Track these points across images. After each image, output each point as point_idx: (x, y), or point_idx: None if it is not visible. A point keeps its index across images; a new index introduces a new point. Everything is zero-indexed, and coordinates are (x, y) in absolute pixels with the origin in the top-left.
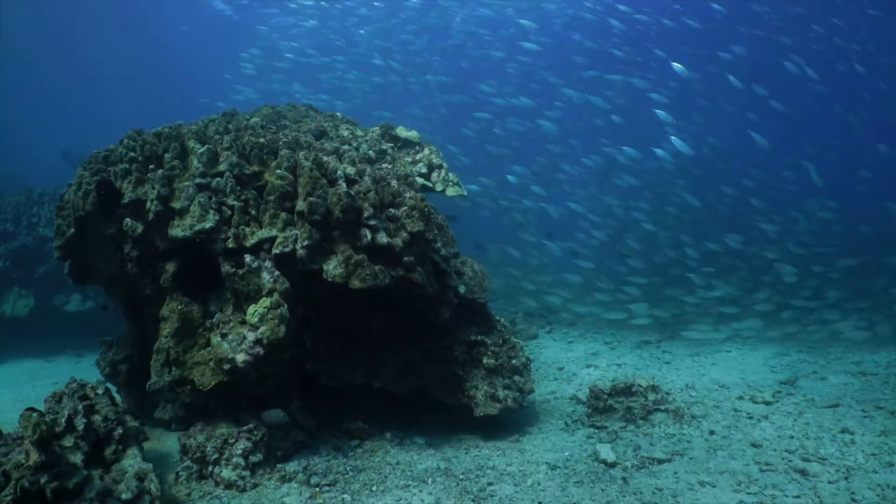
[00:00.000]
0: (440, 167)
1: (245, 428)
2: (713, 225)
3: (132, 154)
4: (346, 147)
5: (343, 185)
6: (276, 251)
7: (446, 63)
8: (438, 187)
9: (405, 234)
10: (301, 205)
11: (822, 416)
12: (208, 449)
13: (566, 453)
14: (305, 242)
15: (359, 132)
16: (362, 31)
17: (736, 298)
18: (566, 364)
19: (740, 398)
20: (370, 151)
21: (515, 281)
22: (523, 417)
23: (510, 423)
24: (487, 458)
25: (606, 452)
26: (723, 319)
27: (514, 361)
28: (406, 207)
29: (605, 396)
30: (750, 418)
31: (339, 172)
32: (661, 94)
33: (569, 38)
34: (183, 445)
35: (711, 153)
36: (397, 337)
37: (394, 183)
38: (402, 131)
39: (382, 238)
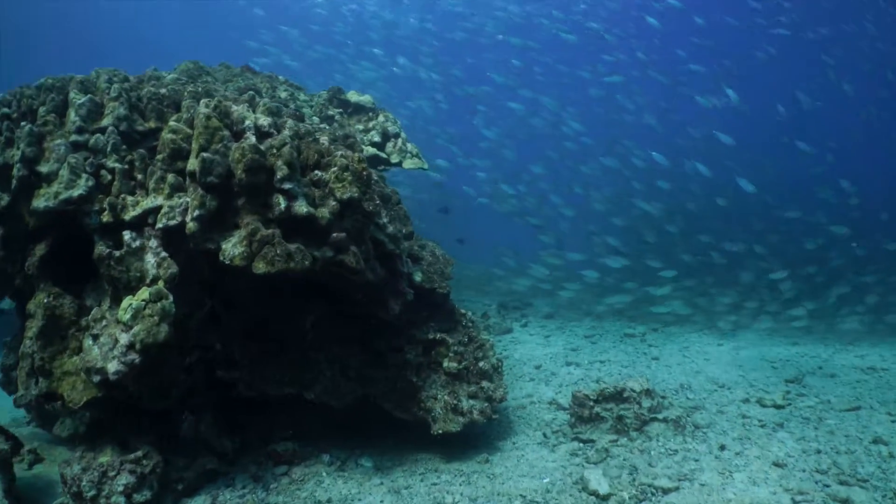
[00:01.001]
0: (397, 136)
1: (131, 457)
2: (724, 220)
3: (5, 110)
4: (268, 100)
5: (251, 138)
6: (160, 225)
7: (451, 55)
8: (394, 159)
9: (334, 204)
10: (193, 163)
11: (846, 421)
12: (84, 483)
13: (546, 479)
14: (196, 213)
15: (302, 96)
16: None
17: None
18: (544, 362)
19: (746, 401)
20: (314, 117)
21: (538, 282)
22: (494, 428)
23: (478, 436)
24: (448, 488)
25: (597, 480)
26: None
27: (482, 364)
28: (335, 168)
29: (591, 403)
30: (763, 426)
31: (247, 122)
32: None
33: (588, 28)
34: (62, 475)
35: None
36: (336, 337)
37: (324, 140)
38: (353, 95)
39: (301, 207)
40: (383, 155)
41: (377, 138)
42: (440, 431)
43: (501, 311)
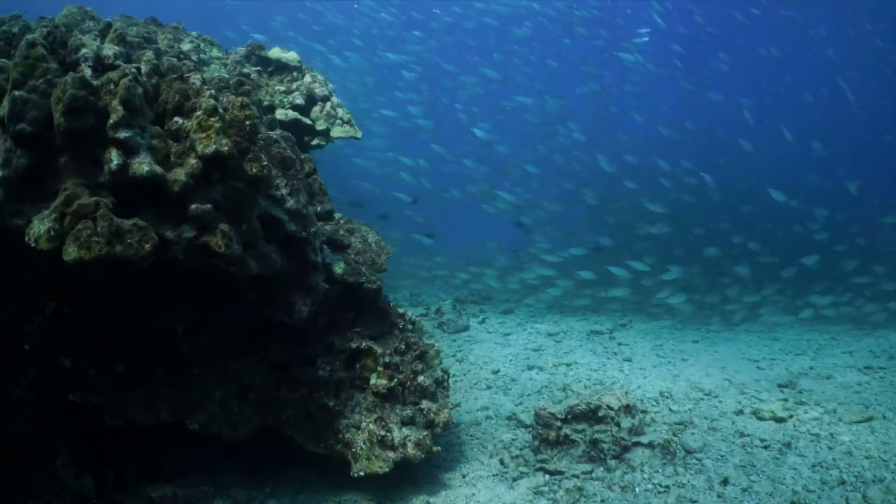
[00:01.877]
0: (326, 99)
1: None
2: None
3: None
4: (122, 24)
5: (85, 71)
6: None
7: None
8: (320, 125)
9: (194, 162)
10: (4, 106)
11: (862, 437)
12: None
13: None
14: (1, 173)
15: (215, 52)
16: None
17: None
18: (503, 365)
19: (739, 412)
20: (224, 74)
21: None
22: (441, 453)
23: (418, 464)
24: None
25: None
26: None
27: (421, 378)
28: (200, 112)
29: (559, 423)
30: (767, 448)
31: (83, 51)
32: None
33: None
34: None
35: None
36: (229, 348)
37: (195, 79)
38: (276, 52)
39: (142, 166)
40: (307, 121)
41: (300, 101)
42: (362, 473)
43: (457, 305)
